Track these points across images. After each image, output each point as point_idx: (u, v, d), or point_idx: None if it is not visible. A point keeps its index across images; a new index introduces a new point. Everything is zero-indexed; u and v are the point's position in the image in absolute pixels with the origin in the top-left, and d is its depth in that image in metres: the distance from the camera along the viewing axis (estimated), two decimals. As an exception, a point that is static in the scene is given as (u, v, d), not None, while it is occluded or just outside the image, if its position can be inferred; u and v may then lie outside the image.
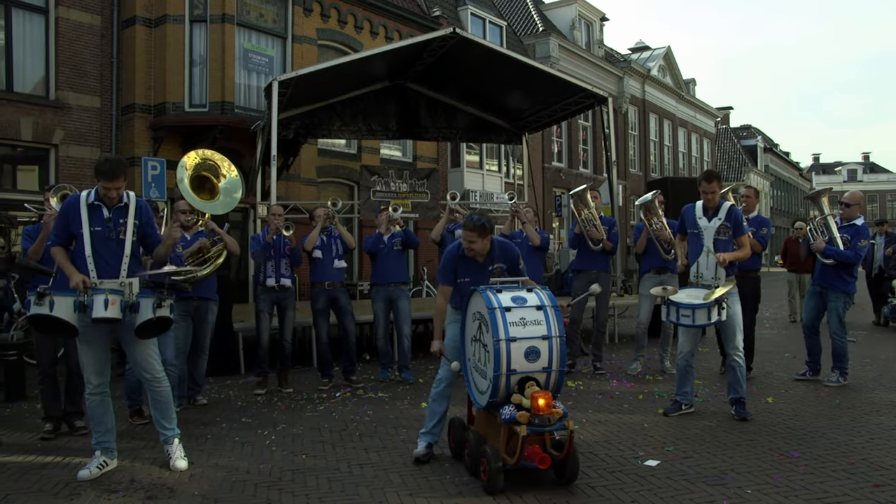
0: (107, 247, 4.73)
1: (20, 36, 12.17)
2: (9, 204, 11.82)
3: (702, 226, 6.12)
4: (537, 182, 18.76)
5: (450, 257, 5.07)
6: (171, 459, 4.88)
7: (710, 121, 38.53)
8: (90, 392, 4.82)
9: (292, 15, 14.90)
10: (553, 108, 13.63)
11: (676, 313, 5.88)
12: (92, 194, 4.80)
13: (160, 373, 4.93)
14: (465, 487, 4.43)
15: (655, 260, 8.27)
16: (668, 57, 32.85)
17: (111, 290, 4.58)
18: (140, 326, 4.66)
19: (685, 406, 6.23)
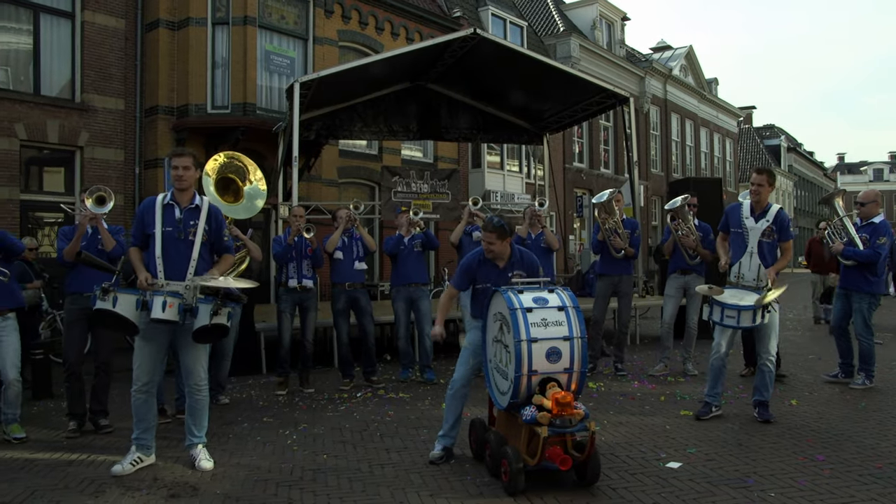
0: (176, 247, 4.83)
1: (48, 40, 12.34)
2: (36, 205, 11.98)
3: (747, 226, 5.99)
4: (558, 183, 18.70)
5: (470, 262, 5.07)
6: (196, 461, 4.92)
7: (733, 120, 38.19)
8: (136, 389, 4.90)
9: (313, 16, 14.97)
10: (574, 109, 13.59)
11: (721, 313, 5.76)
12: (168, 195, 4.94)
13: (203, 381, 4.99)
14: (485, 488, 4.42)
15: (682, 262, 8.22)
16: (689, 56, 32.61)
17: (170, 292, 4.67)
18: (197, 331, 4.73)
19: (715, 408, 6.12)
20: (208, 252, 5.04)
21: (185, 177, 4.92)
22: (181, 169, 4.90)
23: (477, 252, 5.11)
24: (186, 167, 4.92)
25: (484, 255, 5.00)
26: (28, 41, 12.14)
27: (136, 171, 13.16)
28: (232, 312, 4.93)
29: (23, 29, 12.11)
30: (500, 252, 4.92)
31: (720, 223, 6.43)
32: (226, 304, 4.83)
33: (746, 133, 48.63)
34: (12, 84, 11.95)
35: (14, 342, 5.78)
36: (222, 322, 4.81)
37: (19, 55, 12.12)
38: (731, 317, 5.72)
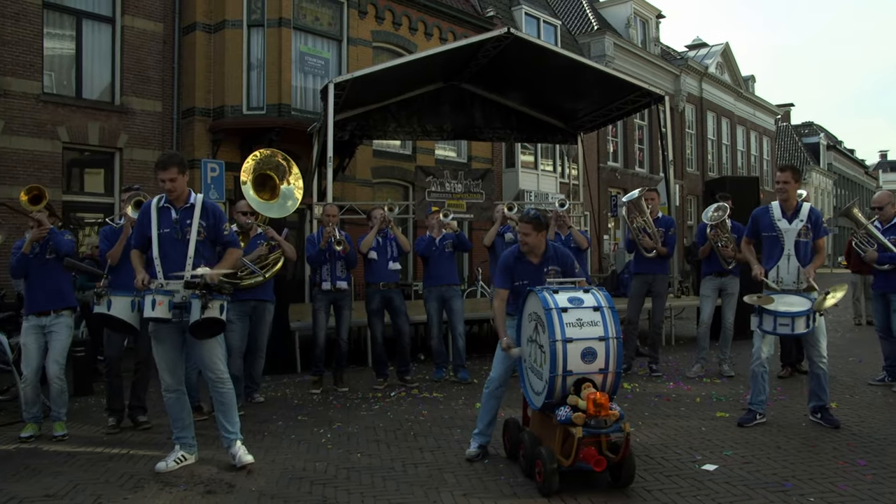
0: (174, 248, 4.86)
1: (89, 45, 12.60)
2: (78, 205, 12.21)
3: (781, 228, 5.84)
4: (592, 182, 18.57)
5: (506, 261, 5.06)
6: (236, 457, 4.93)
7: (770, 118, 37.62)
8: (165, 390, 4.97)
9: (347, 17, 15.06)
10: (608, 108, 13.48)
11: (773, 322, 5.55)
12: (163, 198, 4.97)
13: (224, 373, 4.98)
14: (519, 488, 4.41)
15: (716, 266, 8.12)
16: (726, 54, 32.20)
17: (159, 290, 4.70)
18: (192, 327, 4.73)
19: (759, 416, 5.91)
20: (208, 249, 5.01)
21: (173, 189, 4.90)
22: (168, 182, 4.86)
23: (512, 249, 5.10)
24: (172, 179, 4.87)
25: (520, 252, 4.98)
26: (71, 46, 12.41)
27: (174, 172, 13.30)
28: (224, 305, 4.85)
29: (66, 35, 12.37)
30: (535, 245, 4.90)
31: (746, 229, 6.28)
32: (214, 297, 4.75)
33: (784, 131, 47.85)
34: (56, 88, 12.22)
35: (63, 340, 5.91)
36: (214, 315, 4.75)
37: (63, 60, 12.39)
38: (785, 324, 5.51)
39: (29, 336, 5.84)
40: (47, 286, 5.89)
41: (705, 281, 8.30)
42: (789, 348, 8.06)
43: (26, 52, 11.56)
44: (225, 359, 5.07)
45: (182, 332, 4.89)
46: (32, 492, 4.51)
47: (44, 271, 5.89)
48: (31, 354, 5.83)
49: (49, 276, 5.91)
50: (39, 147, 11.65)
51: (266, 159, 6.60)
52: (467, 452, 5.05)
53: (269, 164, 6.60)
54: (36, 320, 5.86)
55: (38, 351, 5.87)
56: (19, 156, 11.42)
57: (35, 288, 5.88)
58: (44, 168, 11.64)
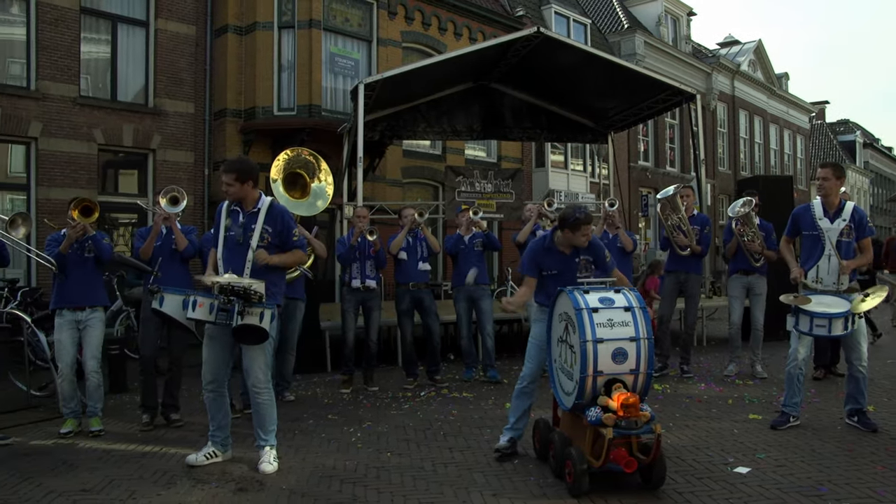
0: (237, 250, 4.91)
1: (124, 49, 12.82)
2: (112, 206, 12.41)
3: (823, 227, 5.70)
4: (623, 182, 18.47)
5: (536, 251, 5.01)
6: (259, 462, 4.92)
7: (805, 116, 37.03)
8: (204, 387, 5.04)
9: (377, 18, 15.12)
10: (639, 107, 13.39)
11: (810, 322, 5.42)
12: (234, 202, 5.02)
13: (263, 383, 4.96)
14: (549, 489, 4.40)
15: (743, 263, 8.02)
16: (758, 51, 31.77)
17: (202, 293, 4.77)
18: (234, 331, 4.76)
19: (793, 418, 5.80)
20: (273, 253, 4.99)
21: (229, 192, 4.95)
22: (225, 185, 4.93)
23: (542, 239, 5.06)
24: (229, 183, 4.91)
25: (551, 242, 4.95)
26: (106, 50, 12.62)
27: (206, 173, 13.52)
28: (265, 313, 4.79)
29: (102, 39, 12.59)
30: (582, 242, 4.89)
31: (786, 228, 6.14)
32: (253, 305, 4.72)
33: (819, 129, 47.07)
34: (92, 91, 12.44)
35: (98, 335, 6.02)
36: (252, 323, 4.72)
37: (98, 64, 12.61)
38: (822, 326, 5.38)
39: (63, 331, 5.96)
40: (83, 283, 6.01)
41: (732, 280, 8.20)
42: (824, 350, 7.91)
43: (64, 56, 11.79)
44: (268, 369, 5.03)
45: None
46: (70, 486, 4.60)
47: (81, 269, 6.01)
48: (66, 348, 5.95)
49: (85, 274, 6.03)
50: (76, 149, 11.86)
51: (295, 157, 6.62)
52: (497, 445, 5.07)
53: (298, 162, 6.61)
54: (71, 315, 5.96)
55: (73, 345, 5.99)
56: (57, 158, 11.64)
57: (71, 283, 5.99)
58: (80, 169, 11.85)
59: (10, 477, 4.82)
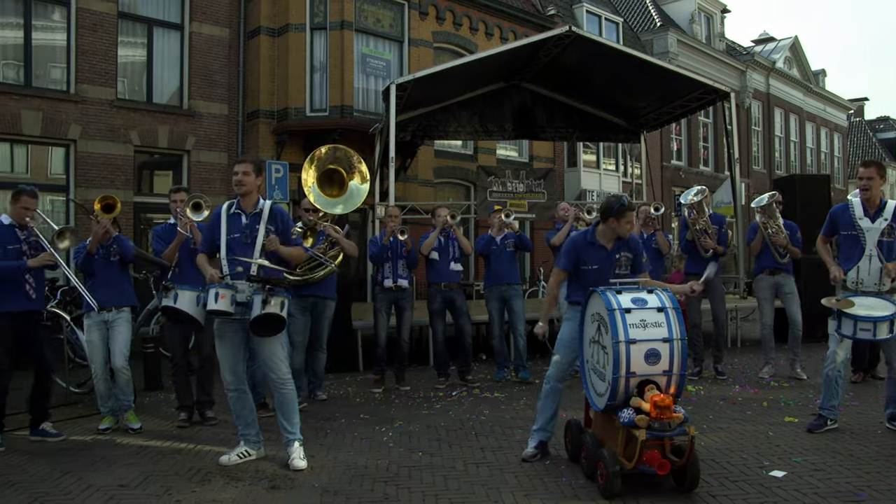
0: (242, 251, 4.99)
1: (159, 51, 13.01)
2: (147, 207, 12.60)
3: (863, 227, 5.56)
4: (656, 181, 18.32)
5: (577, 244, 4.96)
6: (290, 459, 4.97)
7: (842, 114, 36.37)
8: (226, 388, 5.11)
9: (408, 19, 15.15)
10: (672, 105, 13.26)
11: (854, 327, 5.28)
12: (234, 205, 5.13)
13: (285, 375, 5.05)
14: (581, 490, 4.38)
15: (769, 261, 7.92)
16: (794, 48, 31.27)
17: (223, 284, 4.84)
18: (253, 322, 4.83)
19: (830, 422, 5.69)
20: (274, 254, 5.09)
21: (244, 181, 5.05)
22: (241, 174, 5.04)
23: (584, 233, 5.02)
24: (246, 172, 5.04)
25: (593, 237, 4.91)
26: (142, 53, 12.82)
27: (239, 174, 13.62)
28: (285, 302, 4.94)
29: (138, 42, 12.79)
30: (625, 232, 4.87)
31: (823, 227, 6.01)
32: (275, 292, 4.85)
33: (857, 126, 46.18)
34: (128, 94, 12.64)
35: (125, 333, 6.14)
36: (275, 311, 4.82)
37: (135, 67, 12.81)
38: (866, 329, 5.24)
39: (93, 332, 6.10)
40: (110, 285, 6.14)
41: (758, 280, 8.09)
42: (862, 353, 7.76)
43: (102, 60, 12.00)
44: (287, 360, 5.14)
45: (244, 331, 5.01)
46: (107, 481, 4.69)
47: (108, 272, 6.15)
48: (98, 348, 6.09)
49: (112, 276, 6.17)
50: (113, 150, 12.06)
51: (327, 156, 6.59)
52: (524, 453, 5.04)
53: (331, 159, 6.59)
54: (98, 316, 6.09)
55: (104, 345, 6.11)
56: (94, 159, 11.85)
57: (98, 285, 6.12)
58: (117, 171, 12.05)
59: (52, 471, 4.95)
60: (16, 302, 5.67)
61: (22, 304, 5.70)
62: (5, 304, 5.65)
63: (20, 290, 5.68)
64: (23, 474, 4.91)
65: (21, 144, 11.55)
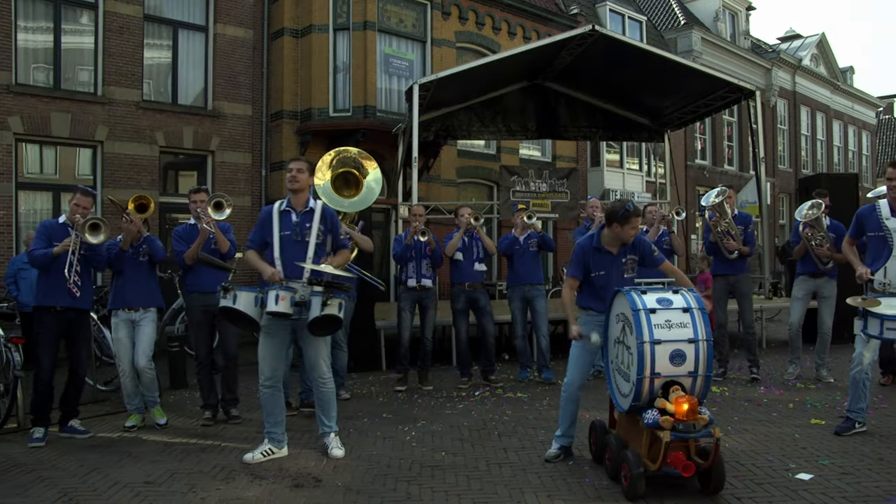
0: (293, 249, 5.11)
1: (184, 53, 13.16)
2: (172, 207, 12.73)
3: (890, 227, 5.49)
4: (679, 180, 18.18)
5: (583, 250, 4.93)
6: (328, 449, 5.18)
7: (871, 111, 35.85)
8: (262, 384, 5.17)
9: (431, 19, 15.17)
10: (696, 104, 13.17)
11: (880, 326, 5.21)
12: (285, 203, 5.25)
13: (326, 373, 5.22)
14: (604, 492, 4.36)
15: (811, 266, 7.77)
16: (821, 45, 30.89)
17: (283, 287, 4.91)
18: (311, 323, 4.94)
19: (859, 424, 5.59)
20: (324, 252, 5.26)
21: (298, 178, 5.21)
22: (295, 171, 5.21)
23: (589, 239, 4.96)
24: (300, 170, 5.23)
25: (598, 242, 4.88)
26: (168, 55, 12.97)
27: (263, 174, 13.75)
28: (343, 303, 5.09)
29: (163, 44, 12.94)
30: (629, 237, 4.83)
31: (850, 228, 5.95)
32: (334, 294, 4.97)
33: (887, 124, 45.51)
34: (153, 95, 12.78)
35: (150, 333, 6.22)
36: (333, 312, 4.97)
37: (160, 68, 12.96)
38: (894, 329, 5.14)
39: (120, 330, 6.18)
40: (138, 286, 6.22)
41: (798, 282, 7.96)
42: (889, 354, 7.64)
43: (128, 62, 12.15)
44: (329, 360, 5.31)
45: (292, 330, 5.14)
46: (134, 478, 4.75)
47: (136, 272, 6.23)
48: (125, 347, 6.17)
49: (140, 276, 6.25)
50: (139, 151, 12.20)
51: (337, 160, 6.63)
52: (546, 454, 5.03)
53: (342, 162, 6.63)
54: (126, 315, 6.18)
55: (130, 343, 6.20)
56: (121, 160, 12.00)
57: (126, 284, 6.21)
58: (143, 171, 12.19)
59: (79, 467, 5.02)
60: (56, 297, 5.78)
61: (64, 300, 5.79)
62: (46, 298, 5.80)
63: (61, 287, 5.76)
64: (53, 470, 4.98)
65: (50, 146, 11.74)
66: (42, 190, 11.69)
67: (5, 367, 5.99)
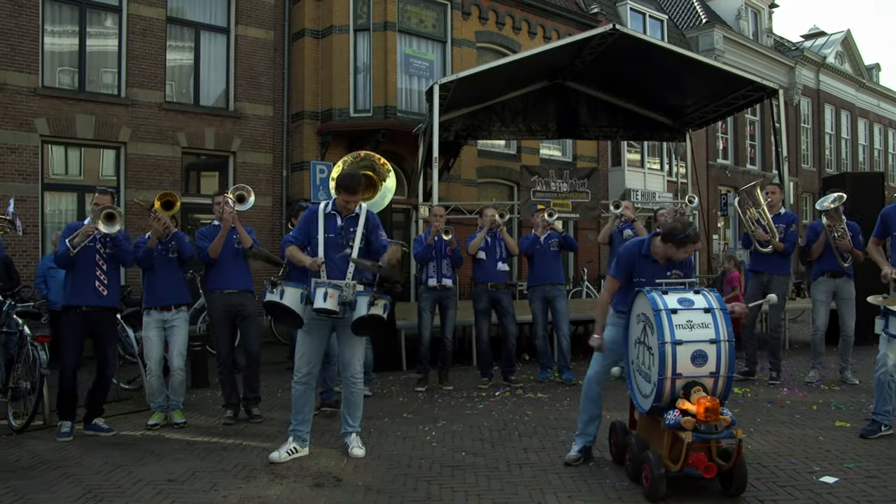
0: (337, 252, 5.12)
1: (206, 55, 13.29)
2: (194, 207, 12.84)
3: None
4: (701, 180, 18.06)
5: (630, 254, 4.83)
6: (349, 448, 5.20)
7: (898, 109, 35.37)
8: (296, 380, 5.19)
9: (451, 19, 15.18)
10: (718, 103, 13.05)
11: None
12: (330, 205, 5.26)
13: (359, 374, 5.24)
14: (625, 493, 4.34)
15: (831, 264, 7.64)
16: (846, 42, 30.53)
17: (331, 284, 4.95)
18: (356, 323, 4.97)
19: (885, 427, 5.49)
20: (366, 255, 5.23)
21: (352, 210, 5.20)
22: (353, 204, 5.18)
23: (639, 243, 4.87)
24: (356, 202, 5.21)
25: (647, 250, 4.77)
26: (190, 57, 13.10)
27: (284, 174, 13.83)
28: (387, 304, 5.11)
29: (186, 46, 13.07)
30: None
31: (875, 228, 5.87)
32: (381, 296, 5.02)
33: (913, 123, 44.91)
34: (176, 97, 12.91)
35: (184, 334, 6.30)
36: (379, 313, 5.00)
37: (182, 70, 13.08)
38: None
39: (151, 329, 6.25)
40: (168, 283, 6.29)
41: (817, 283, 7.79)
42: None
43: (151, 64, 12.28)
44: (363, 361, 5.33)
45: (332, 328, 5.18)
46: (156, 476, 4.79)
47: (166, 269, 6.29)
48: (155, 346, 6.23)
49: (170, 273, 6.31)
50: (161, 152, 12.32)
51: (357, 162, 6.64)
52: (567, 457, 4.98)
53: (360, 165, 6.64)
54: (158, 315, 6.24)
55: (160, 343, 6.27)
56: (144, 161, 12.12)
57: (157, 281, 6.28)
58: (165, 172, 12.30)
59: (104, 464, 5.08)
60: (83, 297, 5.86)
61: (91, 299, 5.87)
62: (73, 298, 5.88)
63: (89, 286, 5.84)
64: (78, 467, 5.05)
65: (75, 147, 11.89)
66: (67, 191, 11.85)
67: (32, 366, 6.07)
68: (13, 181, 10.84)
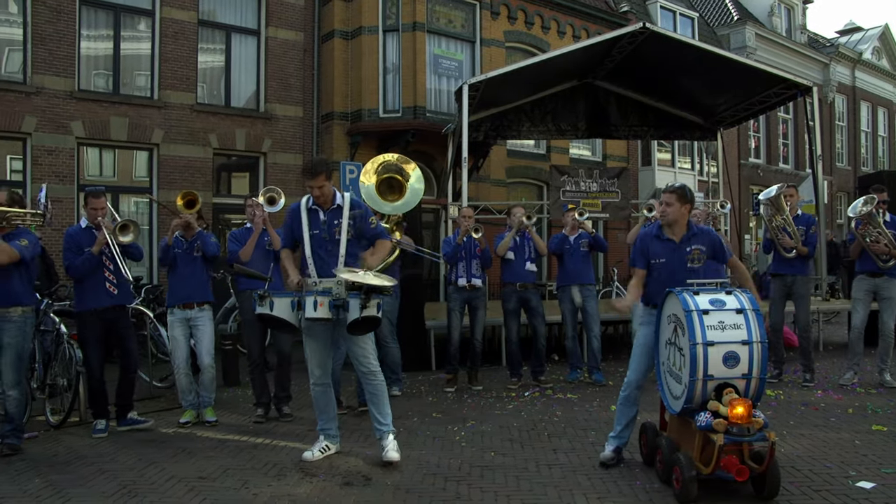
0: (325, 248, 5.09)
1: (237, 57, 13.44)
2: (225, 208, 12.98)
3: None
4: (733, 180, 17.82)
5: (643, 238, 4.89)
6: (384, 451, 5.03)
7: (937, 105, 34.61)
8: (313, 383, 5.21)
9: (480, 19, 15.16)
10: (750, 101, 12.88)
11: None
12: (311, 199, 5.16)
13: (374, 366, 5.16)
14: (655, 495, 4.30)
15: (870, 264, 7.53)
16: (884, 37, 29.90)
17: (320, 291, 4.91)
18: (350, 325, 4.91)
19: None
20: (358, 247, 5.17)
21: (321, 195, 5.09)
22: (316, 189, 5.06)
23: (651, 227, 4.93)
24: (321, 186, 5.06)
25: (659, 230, 4.81)
26: (221, 59, 13.24)
27: (314, 175, 13.88)
28: (381, 303, 5.01)
29: (217, 48, 13.22)
30: (675, 217, 4.73)
31: None
32: (372, 296, 4.90)
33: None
34: (207, 98, 13.07)
35: (209, 332, 6.36)
36: (372, 314, 4.90)
37: (213, 72, 13.23)
38: None
39: (176, 328, 6.33)
40: (192, 281, 6.35)
41: (857, 282, 7.69)
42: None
43: (183, 67, 12.44)
44: (375, 353, 5.25)
45: (333, 328, 5.12)
46: (188, 473, 4.86)
47: (190, 268, 6.35)
48: (180, 344, 6.32)
49: (194, 272, 6.37)
50: (193, 153, 12.48)
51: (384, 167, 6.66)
52: (601, 456, 4.95)
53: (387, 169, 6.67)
54: (181, 313, 6.31)
55: (186, 341, 6.35)
56: (176, 162, 12.28)
57: (180, 280, 6.35)
58: (197, 173, 12.45)
59: (137, 461, 5.15)
60: (97, 299, 5.97)
61: (103, 300, 5.98)
62: (88, 302, 5.98)
63: (100, 287, 5.95)
64: (112, 463, 5.13)
65: (109, 149, 12.09)
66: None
67: (68, 363, 6.19)
68: (50, 182, 11.02)
